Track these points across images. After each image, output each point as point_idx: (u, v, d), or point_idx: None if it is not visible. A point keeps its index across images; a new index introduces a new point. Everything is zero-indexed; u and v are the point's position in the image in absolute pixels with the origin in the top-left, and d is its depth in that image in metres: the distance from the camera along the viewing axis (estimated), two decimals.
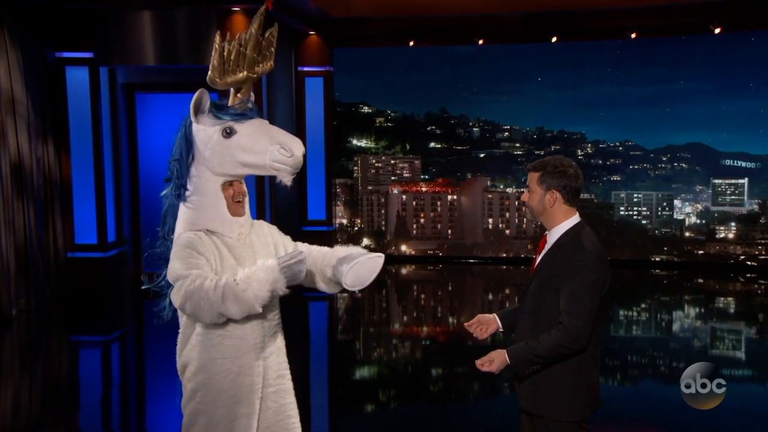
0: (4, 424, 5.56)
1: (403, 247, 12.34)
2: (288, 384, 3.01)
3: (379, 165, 12.44)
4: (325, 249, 3.06)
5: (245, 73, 2.87)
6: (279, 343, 2.98)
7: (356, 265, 2.89)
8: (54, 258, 9.19)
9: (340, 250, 3.01)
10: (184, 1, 9.05)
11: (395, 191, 12.35)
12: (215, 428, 2.82)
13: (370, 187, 12.40)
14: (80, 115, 9.23)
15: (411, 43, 11.58)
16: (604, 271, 2.95)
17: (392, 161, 12.46)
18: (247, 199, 2.97)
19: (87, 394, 6.42)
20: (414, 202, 12.34)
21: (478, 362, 3.00)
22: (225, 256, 2.83)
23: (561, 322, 2.89)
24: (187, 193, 2.86)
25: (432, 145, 12.45)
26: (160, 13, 9.10)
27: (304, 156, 2.83)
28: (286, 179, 2.82)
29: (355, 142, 12.53)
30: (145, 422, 5.80)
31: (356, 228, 12.43)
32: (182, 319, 2.93)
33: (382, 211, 12.40)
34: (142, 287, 3.04)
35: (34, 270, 8.73)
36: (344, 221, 12.40)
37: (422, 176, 12.41)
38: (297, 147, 2.78)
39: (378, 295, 10.51)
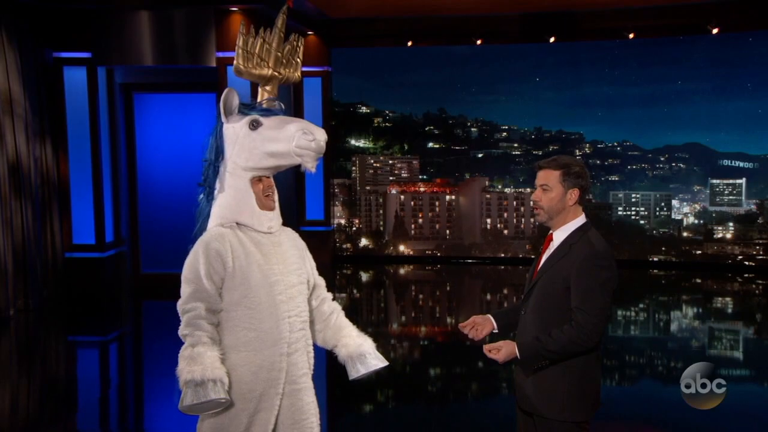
0: (2, 425, 5.54)
1: (402, 247, 12.33)
2: (311, 382, 2.99)
3: (378, 165, 12.44)
4: (340, 323, 3.13)
5: (270, 70, 2.95)
6: (307, 339, 2.98)
7: (364, 372, 3.06)
8: (52, 258, 9.17)
9: (352, 339, 3.09)
10: (182, 1, 9.04)
11: (393, 191, 12.34)
12: (233, 421, 2.81)
13: (368, 187, 12.39)
14: (78, 115, 9.22)
15: (409, 44, 11.58)
16: (615, 269, 2.99)
17: (390, 161, 12.45)
18: (276, 195, 3.01)
19: (85, 395, 6.40)
20: (412, 203, 12.33)
21: (485, 347, 3.03)
22: (251, 252, 2.85)
23: (574, 320, 2.90)
24: (216, 191, 2.92)
25: (430, 145, 12.44)
26: (158, 13, 9.10)
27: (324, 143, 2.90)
28: (310, 165, 2.86)
29: (353, 142, 12.52)
30: (143, 423, 5.79)
31: (354, 228, 12.43)
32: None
33: (381, 211, 12.39)
34: None
35: (31, 270, 8.71)
36: (342, 221, 12.39)
37: (420, 176, 12.40)
38: (319, 132, 2.84)
39: (376, 295, 10.51)
